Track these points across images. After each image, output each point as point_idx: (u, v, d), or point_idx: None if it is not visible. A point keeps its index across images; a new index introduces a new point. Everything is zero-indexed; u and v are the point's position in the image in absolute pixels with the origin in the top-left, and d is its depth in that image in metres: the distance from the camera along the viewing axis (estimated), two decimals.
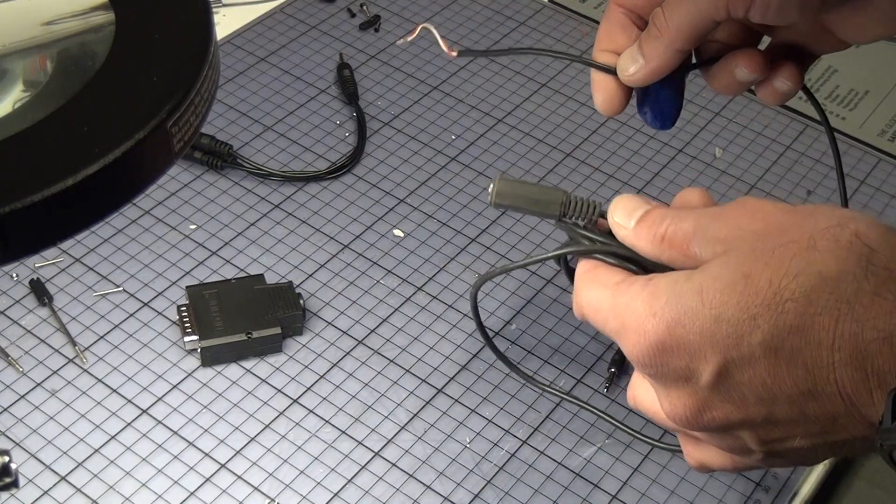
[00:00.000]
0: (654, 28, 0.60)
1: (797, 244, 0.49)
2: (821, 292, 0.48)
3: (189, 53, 0.51)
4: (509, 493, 0.73)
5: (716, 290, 0.50)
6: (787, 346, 0.48)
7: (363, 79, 1.00)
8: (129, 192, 0.49)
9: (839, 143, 0.99)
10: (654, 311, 0.51)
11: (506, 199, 0.60)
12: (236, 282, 0.81)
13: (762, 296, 0.49)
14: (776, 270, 0.49)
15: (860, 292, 0.48)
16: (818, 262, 0.48)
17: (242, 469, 0.72)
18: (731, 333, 0.49)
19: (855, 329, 0.47)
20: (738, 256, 0.50)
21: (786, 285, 0.48)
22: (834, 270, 0.48)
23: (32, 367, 0.76)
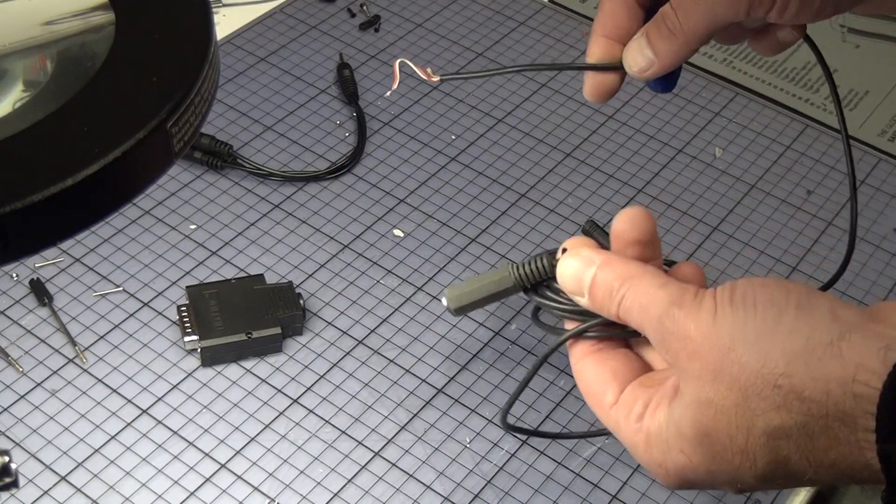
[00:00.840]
0: (666, 28, 0.59)
1: (733, 400, 0.49)
2: (778, 447, 0.49)
3: (189, 53, 0.51)
4: (509, 493, 0.73)
5: (693, 451, 0.51)
6: (782, 480, 0.50)
7: (363, 79, 1.00)
8: (129, 192, 0.49)
9: (839, 143, 0.99)
10: (659, 463, 0.53)
11: (462, 301, 0.60)
12: (236, 282, 0.81)
13: (731, 452, 0.50)
14: (728, 426, 0.50)
15: (814, 445, 0.48)
16: (759, 420, 0.49)
17: (242, 469, 0.72)
18: (728, 479, 0.51)
19: (831, 470, 0.49)
20: (689, 408, 0.51)
21: (745, 442, 0.50)
22: (777, 427, 0.49)
23: (32, 367, 0.76)
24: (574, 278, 0.55)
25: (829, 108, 1.03)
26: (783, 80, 1.05)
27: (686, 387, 0.51)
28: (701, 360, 0.50)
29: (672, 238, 0.89)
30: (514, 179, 0.93)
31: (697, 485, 0.53)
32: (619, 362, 0.56)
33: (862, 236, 0.91)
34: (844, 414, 0.46)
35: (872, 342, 0.47)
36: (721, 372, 0.49)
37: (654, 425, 0.53)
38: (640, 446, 0.53)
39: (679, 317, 0.51)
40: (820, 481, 0.50)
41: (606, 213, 0.91)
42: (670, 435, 0.52)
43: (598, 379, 0.56)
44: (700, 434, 0.50)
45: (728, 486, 0.52)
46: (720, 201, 0.93)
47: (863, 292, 0.87)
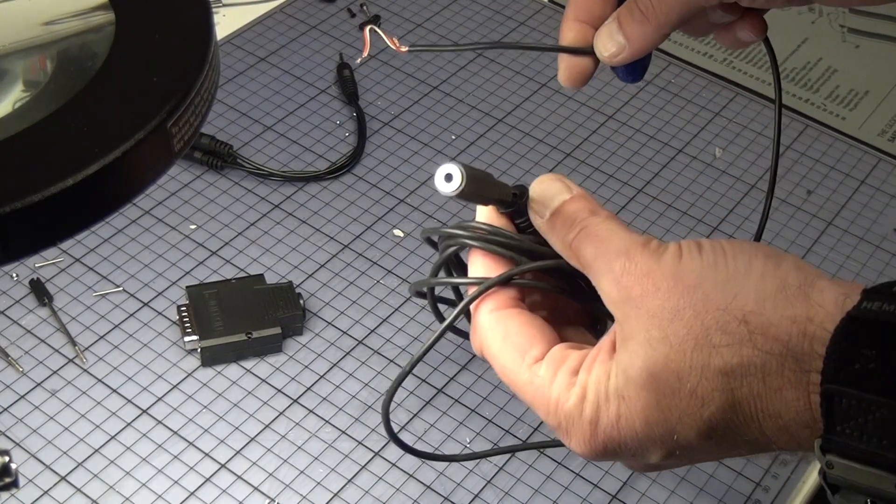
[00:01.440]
0: (639, 12, 0.58)
1: (692, 336, 0.48)
2: (731, 388, 0.48)
3: (189, 53, 0.51)
4: (509, 494, 0.73)
5: (635, 395, 0.49)
6: (721, 434, 0.49)
7: (363, 79, 1.00)
8: (129, 192, 0.49)
9: (839, 143, 0.99)
10: (591, 420, 0.51)
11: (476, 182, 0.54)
12: (236, 282, 0.81)
13: (678, 395, 0.49)
14: (680, 366, 0.48)
15: (766, 386, 0.48)
16: (717, 358, 0.48)
17: (242, 469, 0.72)
18: (664, 434, 0.50)
19: (775, 421, 0.48)
20: (638, 350, 0.49)
21: (697, 383, 0.48)
22: (735, 365, 0.48)
23: (32, 367, 0.76)
24: (547, 193, 0.54)
25: (829, 108, 1.03)
26: (783, 80, 1.05)
27: (635, 327, 0.49)
28: (660, 297, 0.49)
29: (672, 238, 0.89)
30: (514, 179, 0.93)
31: (624, 447, 0.50)
32: (543, 324, 0.54)
33: (862, 236, 0.91)
34: (801, 353, 0.47)
35: (834, 290, 0.47)
36: (682, 309, 0.48)
37: (592, 378, 0.50)
38: (571, 401, 0.51)
39: (640, 256, 0.50)
40: (756, 444, 0.49)
41: None
42: (611, 385, 0.50)
43: (522, 333, 0.53)
44: (648, 374, 0.49)
45: (659, 447, 0.50)
46: (720, 201, 0.93)
47: None
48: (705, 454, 0.51)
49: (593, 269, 0.51)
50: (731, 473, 0.74)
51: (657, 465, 0.52)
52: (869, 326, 0.45)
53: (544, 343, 0.53)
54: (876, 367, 0.44)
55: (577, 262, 0.52)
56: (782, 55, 1.08)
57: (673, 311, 0.49)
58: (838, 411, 0.45)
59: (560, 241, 0.53)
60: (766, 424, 0.48)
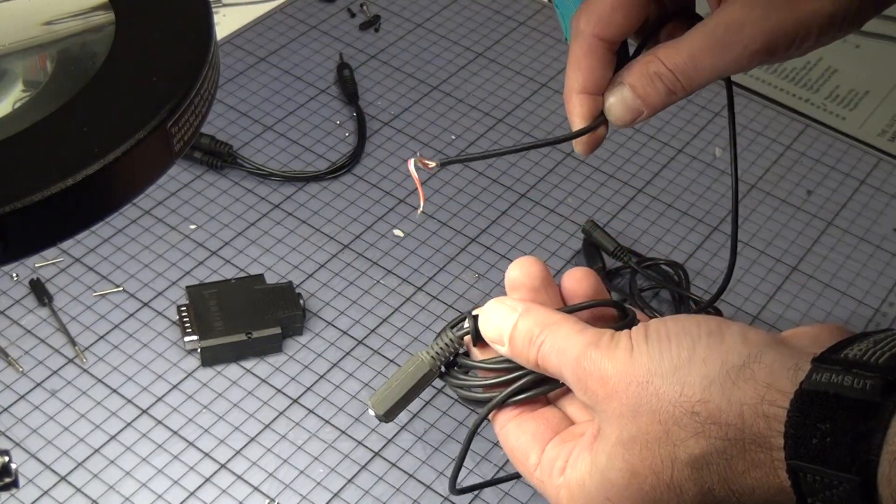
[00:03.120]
0: (664, 86, 0.57)
1: (655, 434, 0.50)
2: (701, 477, 0.49)
3: (189, 53, 0.51)
4: (509, 494, 0.73)
5: (620, 496, 0.51)
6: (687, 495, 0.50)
7: (363, 79, 1.00)
8: (129, 192, 0.49)
9: (839, 143, 0.99)
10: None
11: (388, 404, 0.57)
12: (236, 282, 0.81)
13: (658, 489, 0.50)
14: (654, 462, 0.50)
15: (732, 470, 0.49)
16: (681, 451, 0.49)
17: (242, 469, 0.72)
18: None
19: (751, 496, 0.49)
20: (613, 451, 0.51)
21: (671, 476, 0.50)
22: (698, 455, 0.49)
23: (32, 367, 0.76)
24: (495, 326, 0.55)
25: (829, 108, 1.03)
26: (783, 80, 1.05)
27: (608, 428, 0.51)
28: (619, 397, 0.51)
29: (672, 238, 0.89)
30: (514, 179, 0.93)
31: None
32: (539, 423, 0.56)
33: (862, 236, 0.91)
34: (758, 436, 0.48)
35: (782, 362, 0.48)
36: (640, 406, 0.50)
37: (576, 476, 0.53)
38: (564, 501, 0.53)
39: (596, 357, 0.52)
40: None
41: (606, 213, 0.91)
42: (594, 483, 0.52)
43: (520, 444, 0.56)
44: (627, 475, 0.51)
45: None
46: (720, 201, 0.93)
47: (863, 292, 0.87)
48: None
49: (564, 377, 0.53)
50: None
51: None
52: (820, 400, 0.46)
53: (538, 446, 0.55)
54: (832, 441, 0.45)
55: (550, 374, 0.54)
56: None
57: (633, 410, 0.50)
58: (805, 486, 0.46)
59: (527, 362, 0.55)
60: (744, 499, 0.49)
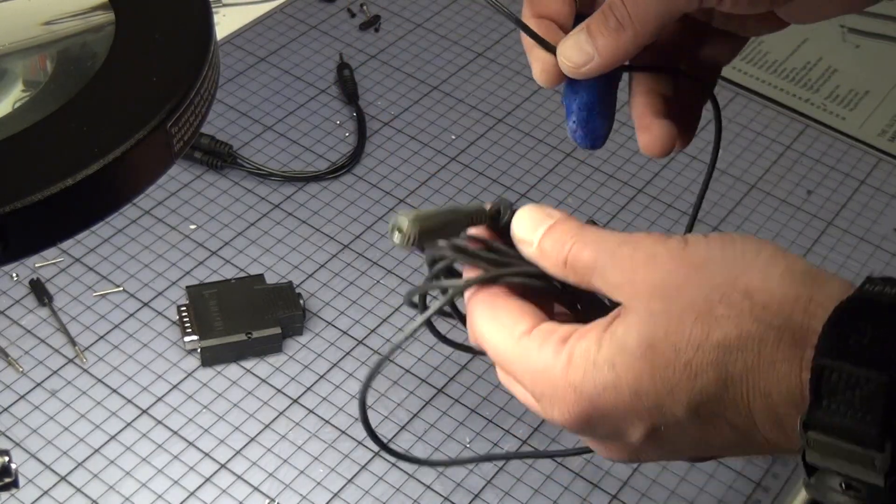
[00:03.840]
0: (614, 18, 0.54)
1: (694, 309, 0.48)
2: (726, 362, 0.48)
3: (189, 53, 0.52)
4: (509, 493, 0.73)
5: (627, 365, 0.49)
6: (708, 411, 0.49)
7: (363, 79, 1.00)
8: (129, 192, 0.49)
9: (839, 143, 0.99)
10: (575, 385, 0.49)
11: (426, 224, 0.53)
12: (236, 282, 0.81)
13: (673, 367, 0.48)
14: (679, 338, 0.48)
15: (761, 359, 0.47)
16: (717, 331, 0.48)
17: (242, 469, 0.72)
18: (652, 406, 0.49)
19: (764, 400, 0.48)
20: (638, 322, 0.49)
21: (692, 356, 0.48)
22: (734, 338, 0.48)
23: (32, 367, 0.76)
24: (529, 224, 0.53)
25: (829, 108, 1.03)
26: (783, 80, 1.05)
27: (637, 303, 0.49)
28: (664, 273, 0.49)
29: None
30: (514, 179, 0.93)
31: (607, 418, 0.49)
32: (533, 305, 0.52)
33: (862, 236, 0.91)
34: (799, 329, 0.47)
35: (839, 280, 0.48)
36: (686, 284, 0.48)
37: (582, 346, 0.49)
38: (557, 367, 0.49)
39: (644, 242, 0.50)
40: (741, 432, 0.48)
41: (606, 213, 0.91)
42: (601, 354, 0.49)
43: (510, 311, 0.52)
44: (645, 345, 0.48)
45: (643, 422, 0.49)
46: (720, 201, 0.93)
47: None
48: (687, 438, 0.50)
49: (595, 269, 0.51)
50: (732, 473, 0.74)
51: (636, 448, 0.51)
52: (868, 306, 0.45)
53: (533, 319, 0.52)
54: (869, 343, 0.45)
55: (575, 275, 0.52)
56: (782, 55, 1.08)
57: (676, 286, 0.48)
58: (826, 386, 0.45)
59: (553, 262, 0.52)
60: (754, 404, 0.48)
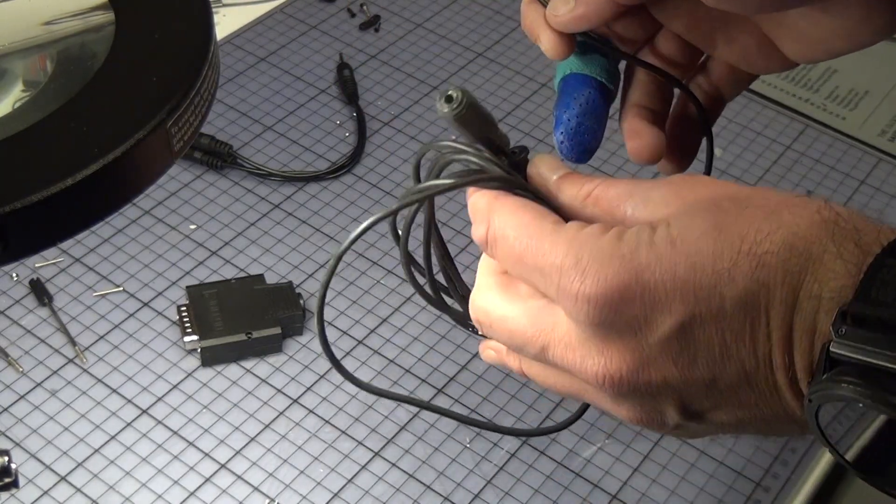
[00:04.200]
0: None
1: (763, 210, 0.47)
2: (794, 248, 0.46)
3: (189, 53, 0.51)
4: (509, 493, 0.73)
5: (690, 239, 0.46)
6: (757, 304, 0.46)
7: (363, 79, 1.00)
8: (129, 192, 0.49)
9: (839, 143, 0.99)
10: (623, 254, 0.46)
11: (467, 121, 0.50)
12: (236, 282, 0.81)
13: (737, 248, 0.46)
14: (748, 226, 0.46)
15: (826, 253, 0.46)
16: (789, 224, 0.46)
17: (242, 469, 0.72)
18: (705, 284, 0.46)
19: (816, 290, 0.46)
20: (702, 212, 0.47)
21: (761, 240, 0.46)
22: (805, 229, 0.46)
23: (32, 367, 0.76)
24: (554, 162, 0.51)
25: (829, 109, 1.03)
26: (783, 80, 1.05)
27: (698, 204, 0.47)
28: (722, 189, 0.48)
29: None
30: None
31: (645, 295, 0.46)
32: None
33: None
34: (865, 239, 0.46)
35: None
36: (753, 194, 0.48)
37: (633, 230, 0.47)
38: (605, 239, 0.46)
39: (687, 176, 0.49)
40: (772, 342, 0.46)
41: None
42: (660, 234, 0.46)
43: (538, 208, 0.49)
44: (711, 227, 0.46)
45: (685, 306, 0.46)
46: None
47: None
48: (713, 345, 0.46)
49: (631, 196, 0.49)
50: (731, 473, 0.74)
51: (652, 350, 0.47)
52: None
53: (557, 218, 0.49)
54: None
55: (595, 207, 0.50)
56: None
57: (741, 195, 0.48)
58: (880, 278, 0.44)
59: (571, 195, 0.50)
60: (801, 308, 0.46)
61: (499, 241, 0.50)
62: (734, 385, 0.47)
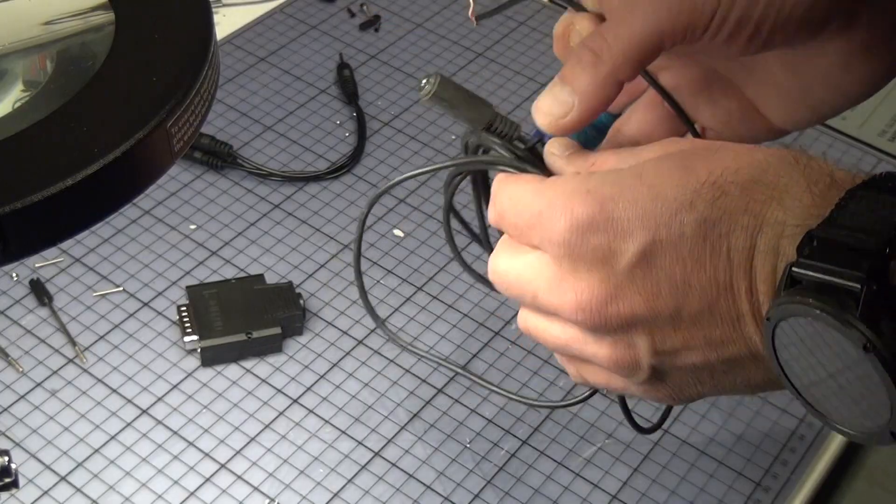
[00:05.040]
0: (588, 52, 0.51)
1: (734, 150, 0.50)
2: (761, 180, 0.49)
3: (189, 53, 0.51)
4: (509, 493, 0.73)
5: (656, 173, 0.49)
6: (718, 230, 0.48)
7: (363, 79, 1.00)
8: (129, 192, 0.49)
9: (839, 143, 0.99)
10: (588, 189, 0.49)
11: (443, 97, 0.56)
12: (236, 282, 0.81)
13: (702, 180, 0.49)
14: (716, 164, 0.49)
15: (795, 185, 0.48)
16: (760, 160, 0.49)
17: (242, 469, 0.72)
18: (665, 211, 0.48)
19: (780, 216, 0.48)
20: (674, 155, 0.50)
21: (727, 174, 0.49)
22: (775, 165, 0.49)
23: (32, 367, 0.76)
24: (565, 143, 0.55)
25: None
26: None
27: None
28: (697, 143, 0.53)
29: None
30: None
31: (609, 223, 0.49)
32: None
33: None
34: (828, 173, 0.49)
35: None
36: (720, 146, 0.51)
37: (606, 167, 0.52)
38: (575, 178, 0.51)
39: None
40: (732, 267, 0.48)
41: None
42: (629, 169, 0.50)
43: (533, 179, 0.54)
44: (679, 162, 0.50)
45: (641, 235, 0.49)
46: None
47: None
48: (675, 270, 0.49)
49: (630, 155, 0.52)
50: (731, 473, 0.74)
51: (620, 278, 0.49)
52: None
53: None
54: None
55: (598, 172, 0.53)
56: None
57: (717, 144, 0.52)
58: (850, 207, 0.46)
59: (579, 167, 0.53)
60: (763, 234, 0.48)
61: (503, 215, 0.54)
62: (698, 316, 0.50)
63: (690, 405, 0.78)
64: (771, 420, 0.77)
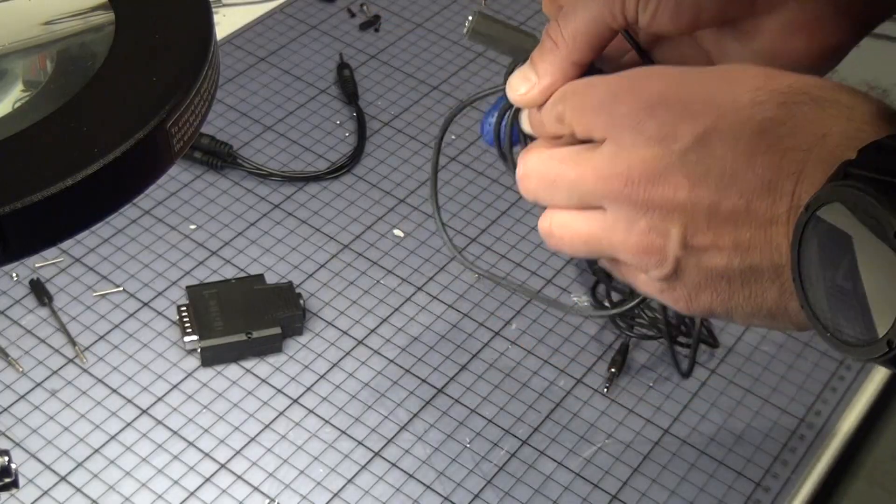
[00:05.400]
0: (549, 40, 0.57)
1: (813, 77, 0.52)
2: (828, 99, 0.50)
3: (189, 53, 0.51)
4: (509, 493, 0.73)
5: (724, 71, 0.52)
6: (779, 131, 0.50)
7: (363, 79, 1.00)
8: (129, 192, 0.49)
9: None
10: (664, 71, 0.53)
11: (483, 32, 0.61)
12: (236, 282, 0.81)
13: (783, 82, 0.51)
14: (795, 78, 0.51)
15: (862, 104, 0.50)
16: (834, 84, 0.50)
17: (242, 469, 0.72)
18: (733, 100, 0.50)
19: (846, 129, 0.49)
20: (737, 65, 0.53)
21: (803, 87, 0.50)
22: (844, 87, 0.50)
23: (32, 367, 0.76)
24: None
25: None
26: None
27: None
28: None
29: None
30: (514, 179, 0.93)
31: (679, 103, 0.52)
32: None
33: None
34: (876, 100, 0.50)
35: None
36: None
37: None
38: (659, 66, 0.54)
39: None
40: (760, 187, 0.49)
41: None
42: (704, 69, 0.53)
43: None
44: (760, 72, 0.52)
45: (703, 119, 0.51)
46: None
47: None
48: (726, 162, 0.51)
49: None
50: (731, 473, 0.74)
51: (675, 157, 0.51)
52: None
53: None
54: None
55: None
56: None
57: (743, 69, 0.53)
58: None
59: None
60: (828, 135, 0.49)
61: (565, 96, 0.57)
62: (733, 213, 0.51)
63: (690, 405, 0.78)
64: (771, 420, 0.77)
